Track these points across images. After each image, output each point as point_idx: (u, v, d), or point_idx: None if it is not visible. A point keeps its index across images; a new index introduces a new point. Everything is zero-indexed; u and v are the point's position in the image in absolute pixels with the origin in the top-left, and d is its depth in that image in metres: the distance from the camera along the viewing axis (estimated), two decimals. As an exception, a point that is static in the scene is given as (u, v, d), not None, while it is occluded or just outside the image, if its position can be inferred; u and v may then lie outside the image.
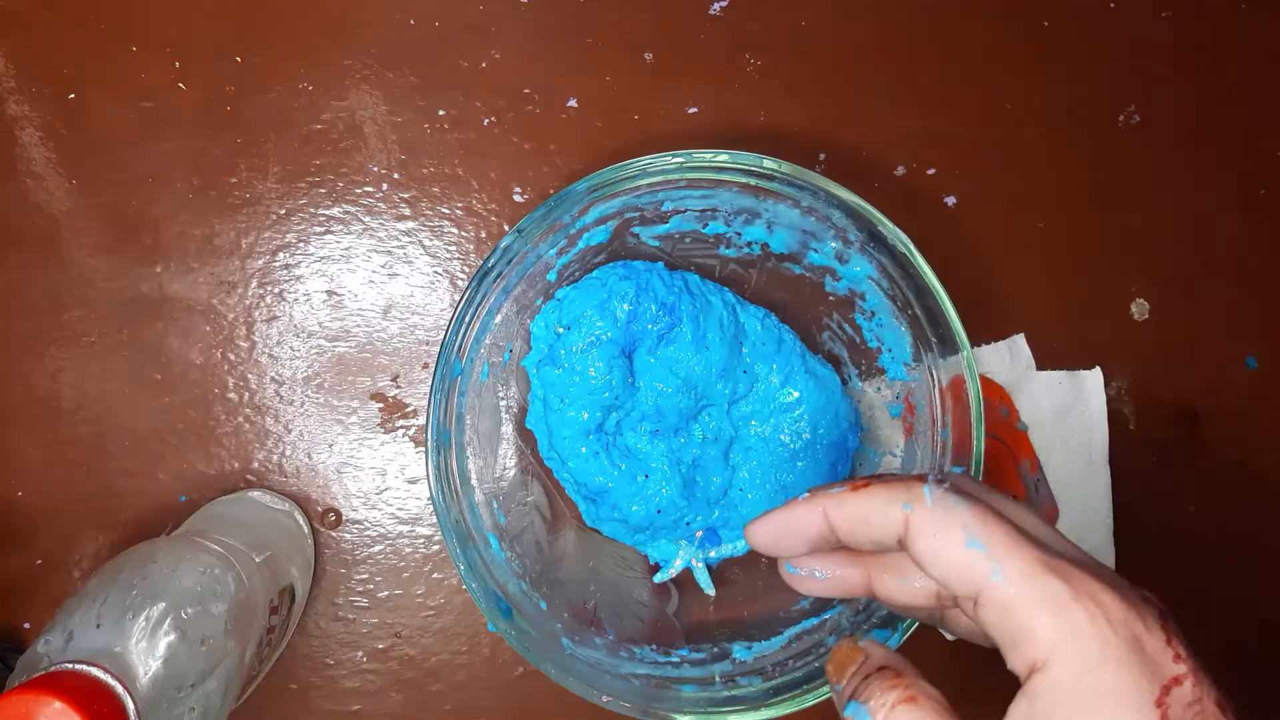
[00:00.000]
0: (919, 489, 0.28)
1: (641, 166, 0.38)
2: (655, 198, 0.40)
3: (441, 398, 0.38)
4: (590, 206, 0.39)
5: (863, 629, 0.39)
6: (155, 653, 0.32)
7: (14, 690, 0.28)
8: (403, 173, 0.48)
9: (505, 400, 0.44)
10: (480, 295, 0.38)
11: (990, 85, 0.50)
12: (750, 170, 0.38)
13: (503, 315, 0.41)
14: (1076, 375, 0.50)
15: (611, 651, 0.40)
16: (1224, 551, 0.50)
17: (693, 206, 0.41)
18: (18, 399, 0.47)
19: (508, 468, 0.44)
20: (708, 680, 0.40)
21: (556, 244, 0.40)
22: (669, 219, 0.42)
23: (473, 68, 0.48)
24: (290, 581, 0.44)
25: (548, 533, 0.44)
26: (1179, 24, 0.51)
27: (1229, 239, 0.51)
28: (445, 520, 0.38)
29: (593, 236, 0.41)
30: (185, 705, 0.33)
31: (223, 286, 0.48)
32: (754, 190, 0.39)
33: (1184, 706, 0.25)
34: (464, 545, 0.38)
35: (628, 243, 0.43)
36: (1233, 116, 0.51)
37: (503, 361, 0.43)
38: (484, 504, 0.41)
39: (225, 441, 0.48)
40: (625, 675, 0.39)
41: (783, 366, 0.44)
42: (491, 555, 0.40)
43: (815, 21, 0.49)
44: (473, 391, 0.41)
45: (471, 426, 0.41)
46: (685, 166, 0.38)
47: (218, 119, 0.48)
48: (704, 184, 0.39)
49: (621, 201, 0.39)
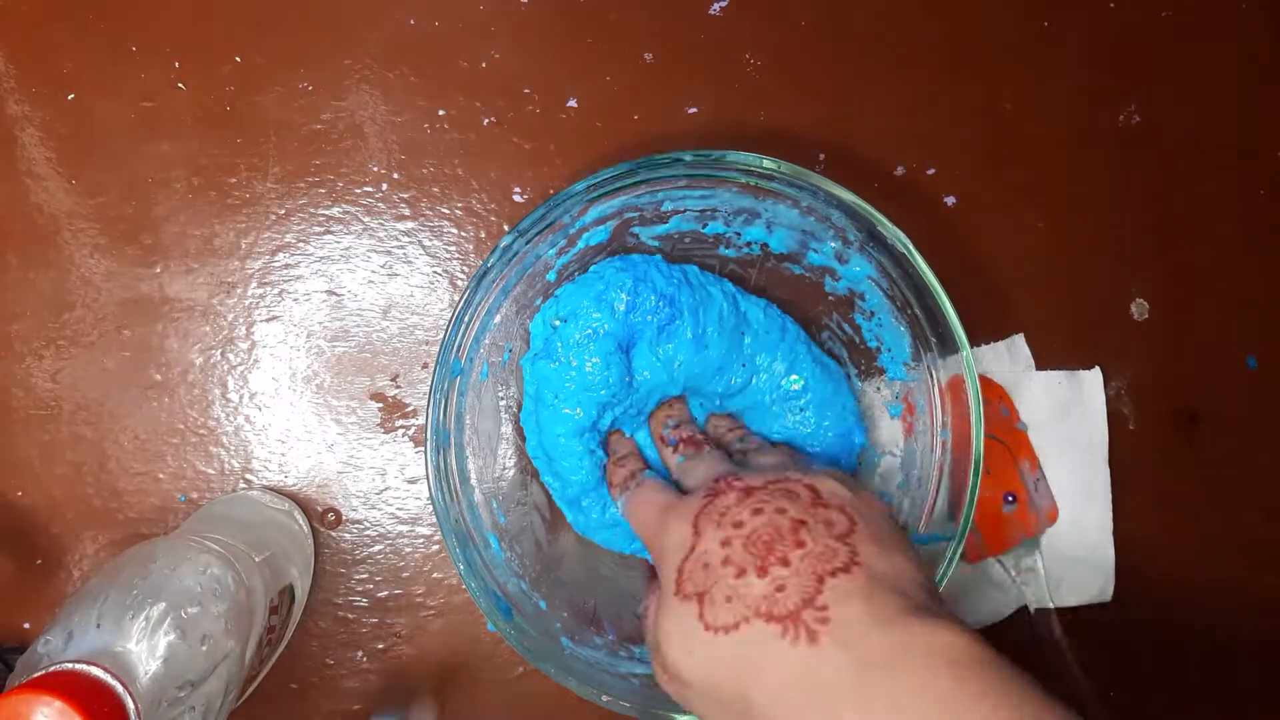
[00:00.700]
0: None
1: (641, 166, 0.38)
2: (655, 198, 0.40)
3: (441, 397, 0.38)
4: (590, 206, 0.39)
5: None
6: (155, 652, 0.32)
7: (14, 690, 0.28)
8: (403, 173, 0.48)
9: (504, 400, 0.44)
10: (480, 295, 0.38)
11: (990, 85, 0.50)
12: (750, 170, 0.38)
13: (502, 315, 0.41)
14: (1076, 375, 0.50)
15: (611, 651, 0.40)
16: (1224, 551, 0.50)
17: (692, 207, 0.41)
18: (18, 399, 0.47)
19: (507, 468, 0.44)
20: None
21: (556, 244, 0.40)
22: (668, 219, 0.42)
23: (473, 68, 0.48)
24: (290, 581, 0.44)
25: (547, 532, 0.44)
26: (1179, 24, 0.51)
27: (1229, 239, 0.51)
28: (445, 520, 0.38)
29: (592, 236, 0.41)
30: (185, 705, 0.33)
31: (222, 287, 0.48)
32: (753, 190, 0.39)
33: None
34: (464, 545, 0.38)
35: (627, 243, 0.43)
36: (1233, 116, 0.51)
37: (502, 361, 0.43)
38: (483, 504, 0.41)
39: (225, 441, 0.48)
40: (625, 675, 0.39)
41: (787, 354, 0.43)
42: (491, 555, 0.40)
43: (815, 21, 0.49)
44: (472, 391, 0.41)
45: (471, 426, 0.41)
46: (684, 166, 0.38)
47: (218, 119, 0.48)
48: (703, 184, 0.39)
49: (621, 201, 0.39)
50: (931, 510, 0.40)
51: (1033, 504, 0.49)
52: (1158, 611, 0.50)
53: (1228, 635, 0.50)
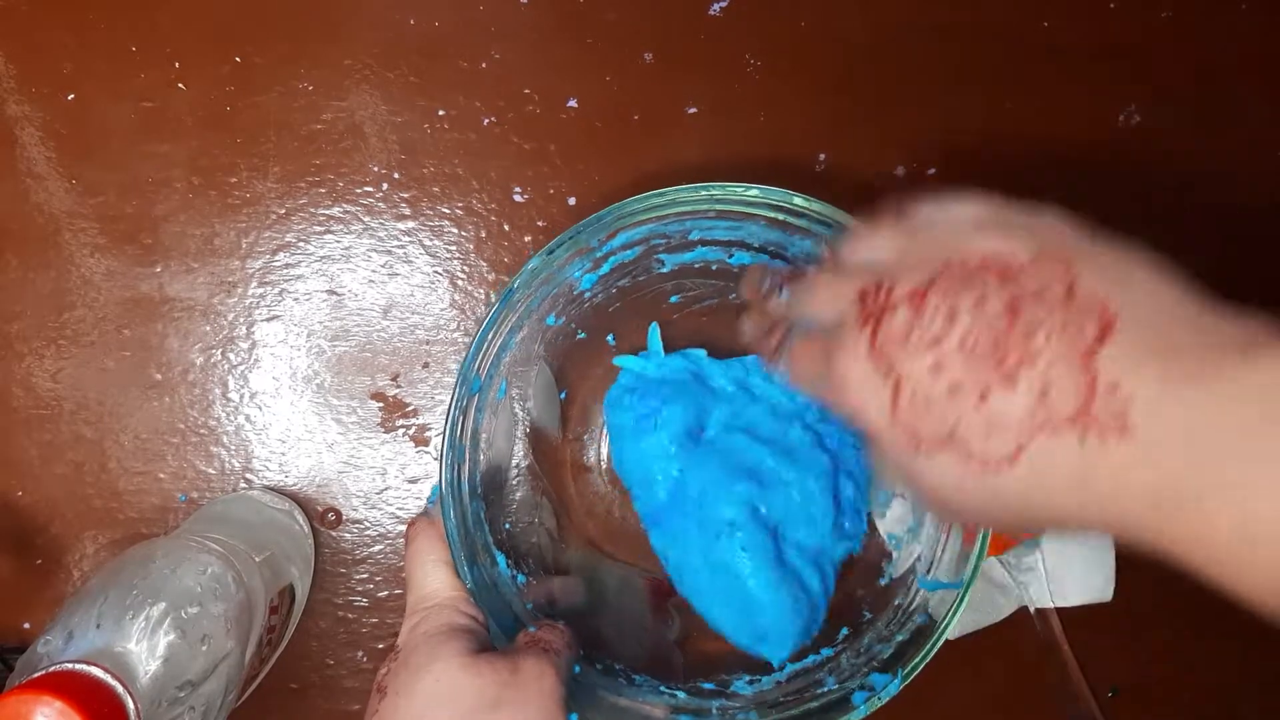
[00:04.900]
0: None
1: (671, 198, 0.37)
2: (683, 226, 0.40)
3: (460, 414, 0.38)
4: (618, 232, 0.39)
5: (862, 671, 0.39)
6: (155, 652, 0.32)
7: (14, 690, 0.28)
8: (403, 173, 0.48)
9: (521, 416, 0.44)
10: (503, 315, 0.38)
11: (990, 85, 0.50)
12: (780, 206, 0.38)
13: (524, 334, 0.41)
14: (1076, 375, 0.50)
15: (611, 676, 0.40)
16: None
17: (720, 238, 0.41)
18: (18, 399, 0.47)
19: (519, 486, 0.44)
20: (704, 711, 0.40)
21: (583, 266, 0.40)
22: (694, 248, 0.41)
23: (473, 68, 0.48)
24: (290, 581, 0.44)
25: (554, 553, 0.44)
26: (1179, 24, 0.51)
27: (1229, 239, 0.51)
28: (455, 537, 0.38)
29: (618, 259, 0.41)
30: (185, 705, 0.33)
31: (223, 286, 0.48)
32: (783, 225, 0.39)
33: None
34: (472, 563, 0.38)
35: (652, 268, 0.43)
36: (1233, 116, 0.51)
37: (520, 380, 0.43)
38: (494, 520, 0.41)
39: (225, 441, 0.48)
40: (624, 704, 0.39)
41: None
42: (498, 573, 0.40)
43: (815, 22, 0.49)
44: (489, 409, 0.41)
45: (486, 443, 0.41)
46: (715, 199, 0.38)
47: (218, 119, 0.48)
48: (733, 215, 0.39)
49: (649, 229, 0.39)
50: (941, 554, 0.40)
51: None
52: (1158, 611, 0.50)
53: (1228, 635, 0.50)
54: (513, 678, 0.32)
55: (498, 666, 0.32)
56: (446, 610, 0.35)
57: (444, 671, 0.32)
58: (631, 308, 0.45)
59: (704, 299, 0.46)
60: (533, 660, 0.33)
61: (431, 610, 0.35)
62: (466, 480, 0.39)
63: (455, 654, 0.32)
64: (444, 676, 0.32)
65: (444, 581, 0.36)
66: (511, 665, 0.32)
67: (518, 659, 0.33)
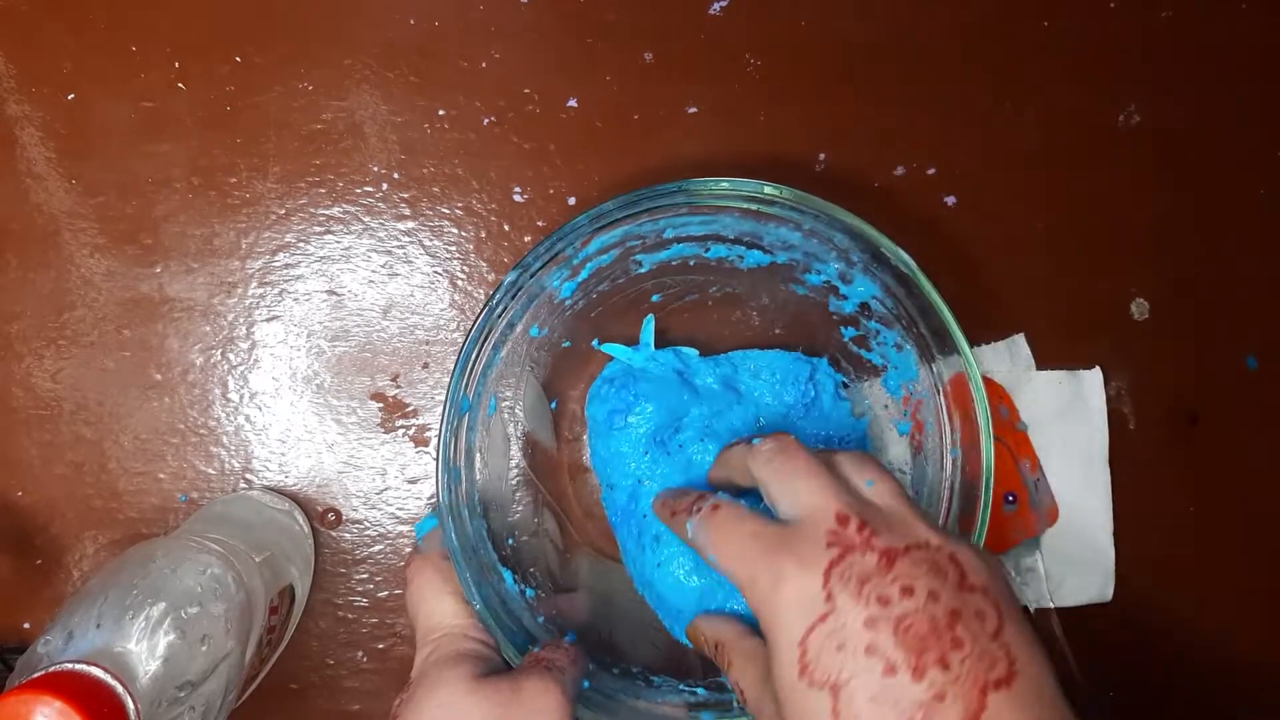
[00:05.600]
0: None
1: (642, 197, 0.38)
2: (657, 225, 0.40)
3: (451, 435, 0.38)
4: (593, 237, 0.39)
5: None
6: (155, 652, 0.32)
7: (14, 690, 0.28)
8: (403, 173, 0.48)
9: (514, 430, 0.44)
10: (485, 331, 0.38)
11: (990, 85, 0.50)
12: (751, 197, 0.38)
13: (508, 349, 0.41)
14: (1076, 375, 0.50)
15: (629, 679, 0.40)
16: (1224, 551, 0.50)
17: (694, 233, 0.41)
18: (18, 399, 0.47)
19: (518, 499, 0.44)
20: (725, 705, 0.39)
21: (560, 275, 0.40)
22: (670, 245, 0.42)
23: (473, 68, 0.48)
24: (290, 581, 0.44)
25: (560, 563, 0.44)
26: (1179, 24, 0.51)
27: (1229, 239, 0.51)
28: (459, 558, 0.38)
29: (595, 264, 0.41)
30: (185, 705, 0.33)
31: (223, 286, 0.48)
32: (755, 215, 0.39)
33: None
34: (479, 583, 0.38)
35: (630, 269, 0.43)
36: (1233, 116, 0.51)
37: (509, 395, 0.43)
38: (497, 537, 0.40)
39: (225, 441, 0.48)
40: (644, 706, 0.39)
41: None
42: (506, 590, 0.39)
43: (815, 22, 0.49)
44: (481, 426, 0.40)
45: (482, 460, 0.41)
46: (686, 195, 0.38)
47: (218, 119, 0.48)
48: (705, 210, 0.39)
49: (623, 231, 0.39)
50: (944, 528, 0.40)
51: (1033, 504, 0.49)
52: (1158, 611, 0.50)
53: (1228, 635, 0.50)
54: (515, 697, 0.32)
55: (500, 688, 0.33)
56: (455, 637, 0.36)
57: (449, 696, 0.32)
58: (613, 311, 0.45)
59: (685, 294, 0.46)
60: (535, 679, 0.33)
61: (441, 639, 0.36)
62: (465, 500, 0.39)
63: (460, 679, 0.33)
64: (448, 701, 0.32)
65: (451, 609, 0.37)
66: (514, 686, 0.33)
67: (521, 679, 0.33)
